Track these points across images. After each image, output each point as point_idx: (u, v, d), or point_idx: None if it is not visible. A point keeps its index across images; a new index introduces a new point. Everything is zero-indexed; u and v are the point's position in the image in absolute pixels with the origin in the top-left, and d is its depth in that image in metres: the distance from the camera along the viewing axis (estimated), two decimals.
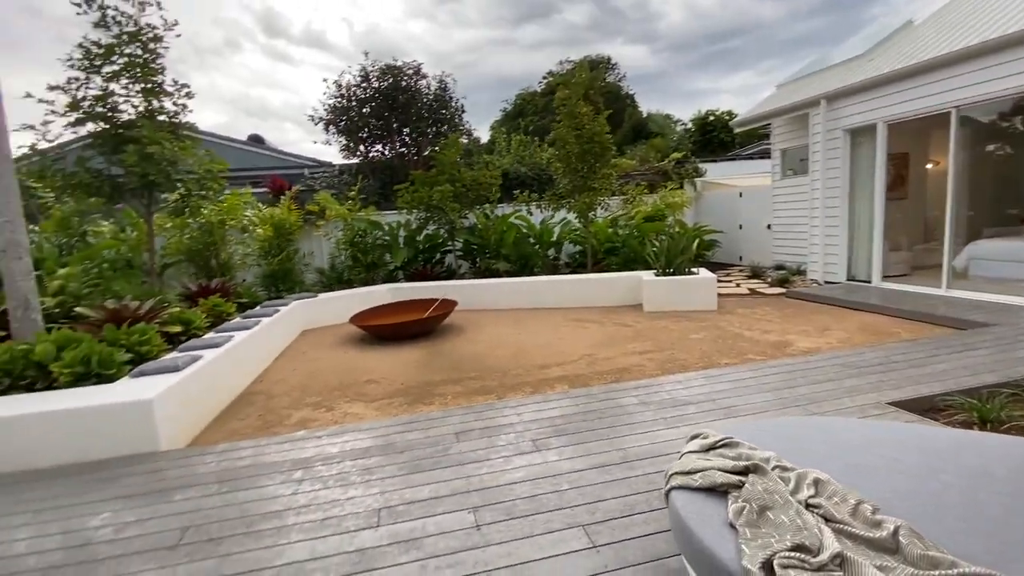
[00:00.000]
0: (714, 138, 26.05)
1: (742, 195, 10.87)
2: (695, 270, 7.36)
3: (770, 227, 9.70)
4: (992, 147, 8.01)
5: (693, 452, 1.91)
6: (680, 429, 3.06)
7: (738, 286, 8.38)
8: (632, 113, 30.58)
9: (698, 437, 2.02)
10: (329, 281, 9.11)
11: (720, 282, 8.40)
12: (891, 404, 3.23)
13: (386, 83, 12.92)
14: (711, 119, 26.94)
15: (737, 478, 1.64)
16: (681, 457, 1.90)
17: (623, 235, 9.24)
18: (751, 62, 66.62)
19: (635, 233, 9.18)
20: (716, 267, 10.11)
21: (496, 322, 7.00)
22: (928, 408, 3.22)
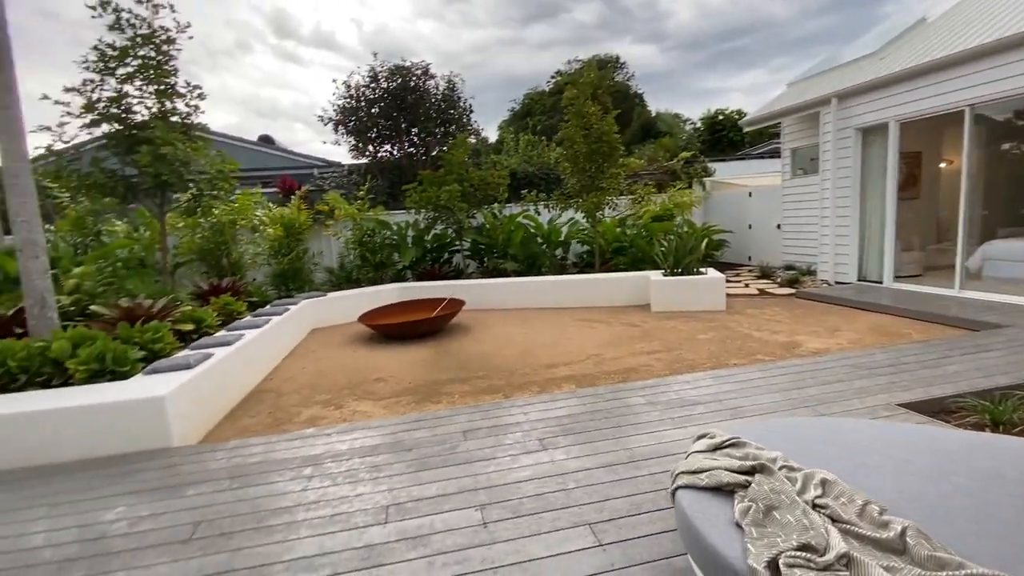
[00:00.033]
0: (723, 137, 25.88)
1: (751, 195, 10.79)
2: (703, 270, 7.33)
3: (780, 227, 9.63)
4: (1007, 146, 7.88)
5: (700, 452, 1.91)
6: (687, 429, 3.06)
7: (747, 286, 8.33)
8: (641, 112, 30.50)
9: (705, 437, 2.02)
10: (338, 280, 9.18)
11: (729, 282, 8.37)
12: (901, 406, 3.21)
13: (395, 83, 12.98)
14: (720, 118, 26.77)
15: (743, 478, 1.64)
16: (687, 457, 1.91)
17: (631, 235, 9.22)
18: (761, 60, 66.15)
19: (643, 233, 9.16)
20: (725, 267, 10.06)
21: (503, 322, 7.02)
22: (939, 410, 3.19)
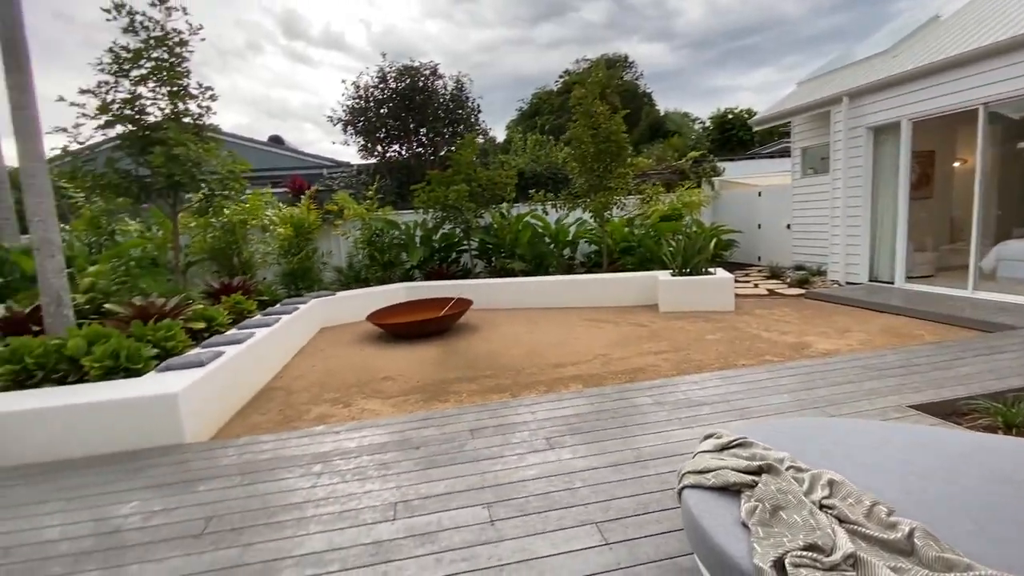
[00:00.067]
0: (733, 136, 25.71)
1: (761, 194, 10.71)
2: (712, 270, 7.29)
3: (790, 227, 9.55)
4: (1023, 144, 7.76)
5: (706, 452, 1.91)
6: (694, 430, 3.05)
7: (756, 287, 8.27)
8: (649, 112, 30.36)
9: (712, 437, 2.02)
10: (347, 280, 9.25)
11: (738, 282, 8.32)
12: (912, 407, 3.18)
13: (403, 84, 13.03)
14: (730, 117, 26.60)
15: (750, 478, 1.64)
16: (694, 456, 1.91)
17: (639, 235, 9.19)
18: (772, 59, 65.55)
19: (651, 233, 9.13)
20: (734, 267, 10.00)
21: (511, 321, 7.03)
22: (951, 412, 3.16)
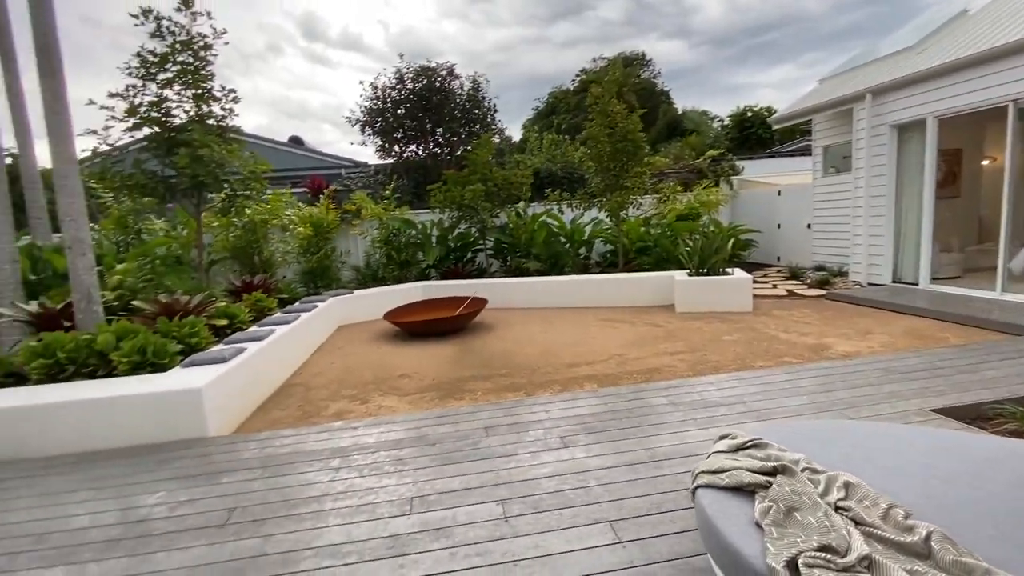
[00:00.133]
0: (752, 135, 25.31)
1: (781, 193, 10.55)
2: (730, 270, 7.21)
3: (810, 226, 9.39)
4: None
5: (721, 452, 1.91)
6: (710, 431, 3.04)
7: (775, 287, 8.16)
8: (667, 110, 30.08)
9: (727, 437, 2.02)
10: (364, 278, 9.37)
11: (756, 283, 8.21)
12: (935, 411, 3.12)
13: (420, 84, 13.14)
14: (749, 115, 26.18)
15: (764, 478, 1.64)
16: (709, 456, 1.91)
17: (655, 234, 9.13)
18: (792, 55, 64.27)
19: (668, 232, 9.06)
20: (752, 267, 9.87)
21: (526, 320, 7.05)
22: (975, 416, 3.09)
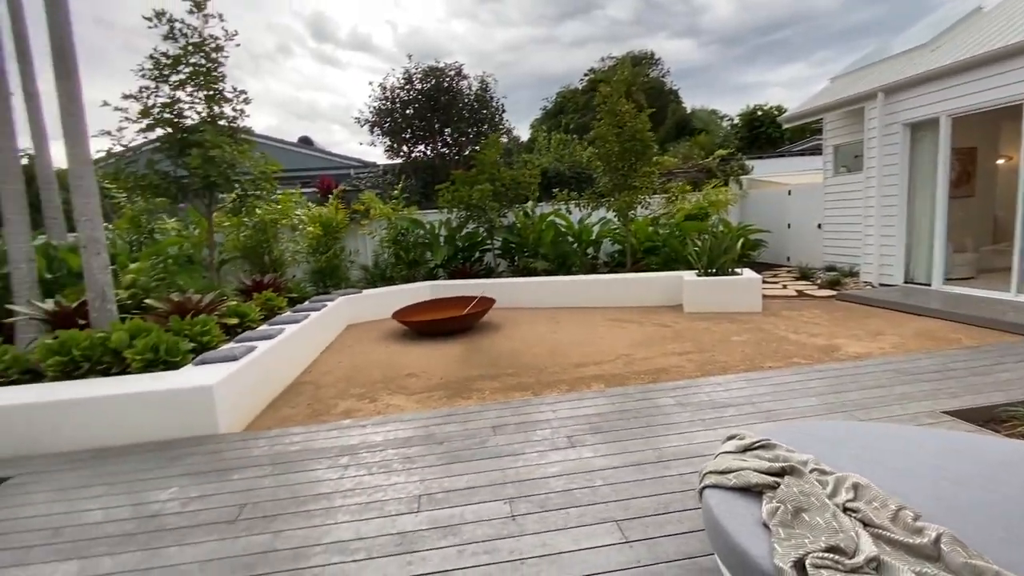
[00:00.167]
0: (762, 134, 25.10)
1: (791, 193, 10.46)
2: (739, 270, 7.17)
3: (821, 226, 9.30)
4: None
5: (729, 452, 1.91)
6: (718, 431, 3.03)
7: (785, 287, 8.10)
8: (676, 109, 29.94)
9: (734, 438, 2.01)
10: (373, 278, 9.43)
11: (766, 283, 8.16)
12: (947, 413, 3.08)
13: (428, 84, 13.19)
14: (759, 114, 25.97)
15: (772, 479, 1.64)
16: (716, 457, 1.91)
17: (664, 234, 9.09)
18: (803, 54, 63.59)
19: (676, 232, 9.02)
20: (762, 268, 9.79)
21: (533, 320, 7.06)
22: (988, 419, 3.05)
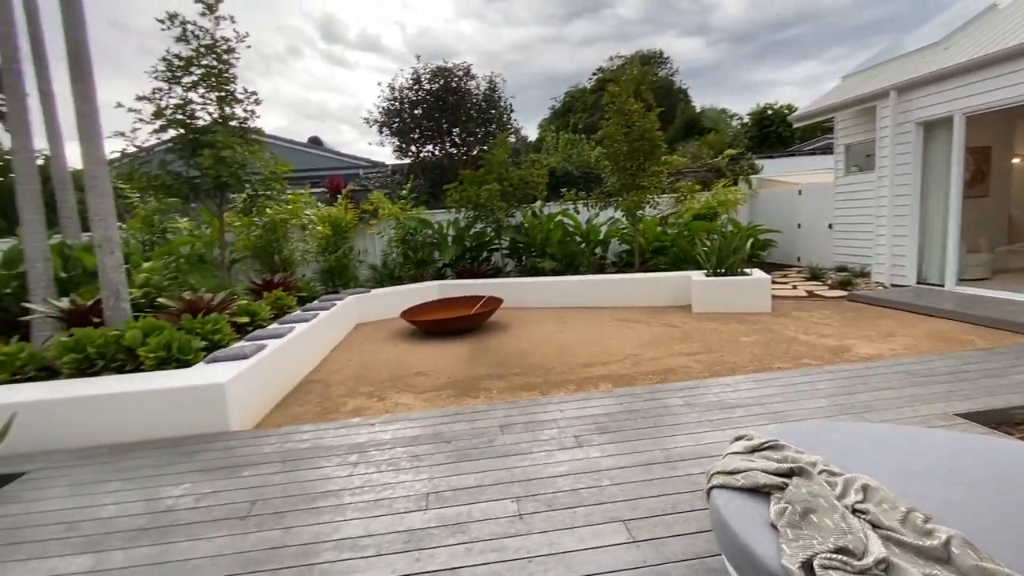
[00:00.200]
0: (772, 133, 24.93)
1: (801, 193, 10.37)
2: (748, 271, 7.13)
3: (831, 226, 9.22)
4: None
5: (737, 453, 1.91)
6: (726, 432, 3.02)
7: (795, 288, 8.03)
8: (685, 108, 29.79)
9: (743, 439, 2.01)
10: (381, 277, 9.48)
11: (775, 283, 8.09)
12: (959, 415, 3.05)
13: (437, 85, 13.22)
14: (769, 113, 25.79)
15: (780, 480, 1.63)
16: (724, 457, 1.90)
17: (672, 234, 9.05)
18: (814, 52, 62.87)
19: (685, 232, 8.98)
20: (772, 268, 9.72)
21: (541, 320, 7.06)
22: (1002, 421, 3.02)
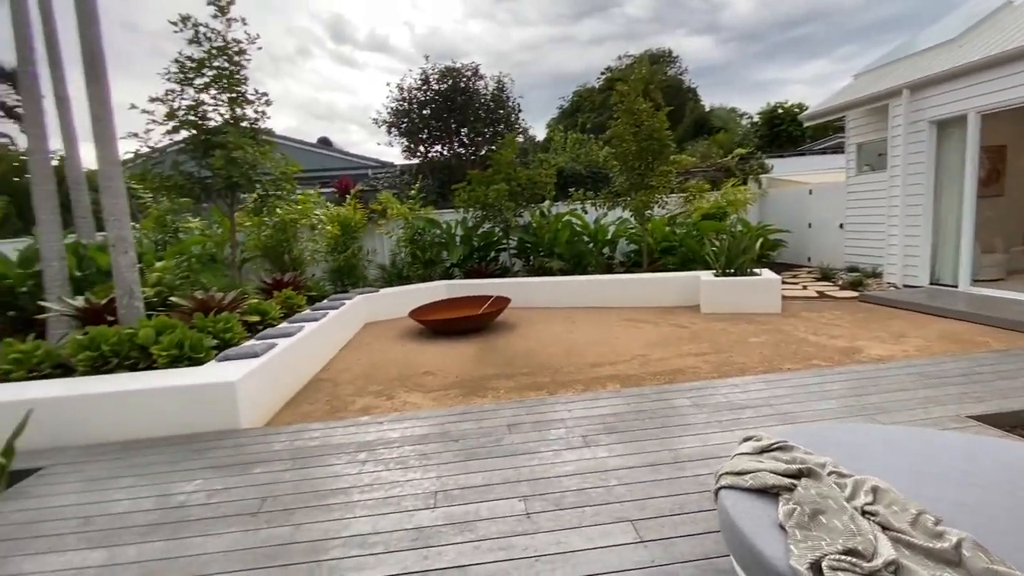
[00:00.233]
0: (782, 132, 24.72)
1: (812, 192, 10.28)
2: (758, 271, 7.08)
3: (843, 226, 9.12)
4: None
5: (745, 454, 1.90)
6: (734, 433, 3.01)
7: (805, 288, 7.96)
8: (694, 107, 29.63)
9: (751, 439, 2.00)
10: (390, 277, 9.53)
11: (785, 284, 8.03)
12: (972, 418, 3.01)
13: (445, 85, 13.26)
14: (779, 112, 25.57)
15: (789, 481, 1.63)
16: (732, 458, 1.90)
17: (681, 234, 9.01)
18: (825, 50, 62.21)
19: (694, 232, 8.93)
20: (782, 268, 9.64)
21: (548, 320, 7.06)
22: (1017, 424, 2.98)
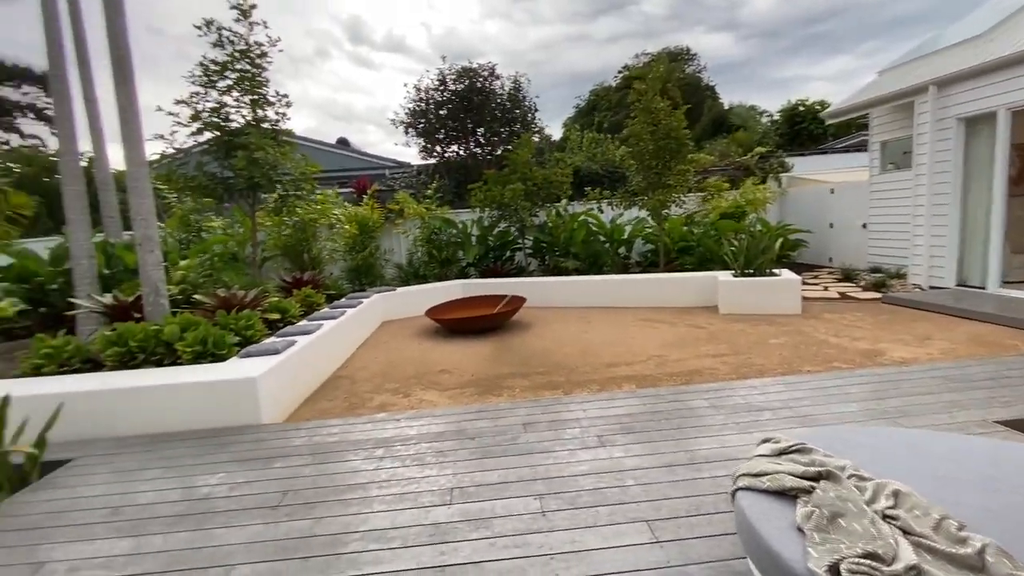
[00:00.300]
0: (803, 130, 24.24)
1: (833, 191, 10.08)
2: (777, 271, 6.98)
3: (866, 226, 8.93)
4: None
5: (763, 455, 1.89)
6: (753, 435, 2.98)
7: (826, 289, 7.82)
8: (712, 105, 29.29)
9: (769, 441, 1.99)
10: (406, 276, 9.62)
11: (806, 284, 7.91)
12: (999, 423, 2.94)
13: (462, 85, 13.32)
14: (801, 109, 25.08)
15: (808, 483, 1.62)
16: (750, 459, 1.89)
17: (698, 233, 8.92)
18: (849, 46, 60.88)
19: (711, 231, 8.84)
20: (802, 268, 9.49)
21: (564, 319, 7.06)
22: None
